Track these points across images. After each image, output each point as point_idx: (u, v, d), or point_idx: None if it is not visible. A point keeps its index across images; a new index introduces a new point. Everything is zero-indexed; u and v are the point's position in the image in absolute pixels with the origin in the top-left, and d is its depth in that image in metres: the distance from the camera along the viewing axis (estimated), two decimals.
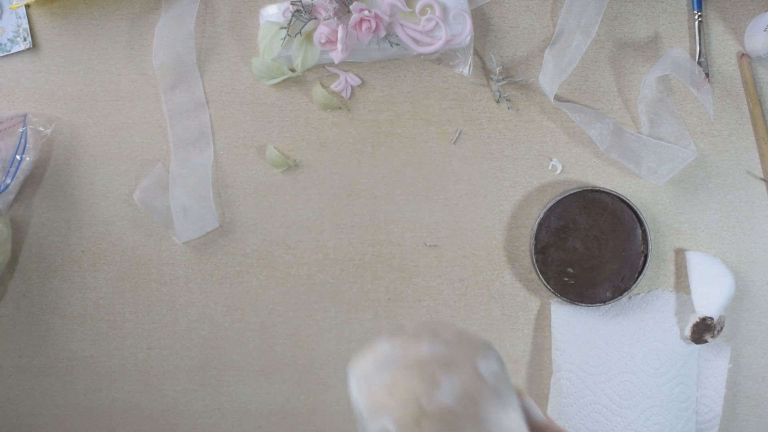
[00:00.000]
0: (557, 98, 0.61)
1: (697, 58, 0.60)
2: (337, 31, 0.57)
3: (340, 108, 0.62)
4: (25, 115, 0.61)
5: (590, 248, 0.59)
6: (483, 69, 0.62)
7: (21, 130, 0.60)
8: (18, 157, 0.60)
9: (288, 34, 0.58)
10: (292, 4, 0.58)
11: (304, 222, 0.62)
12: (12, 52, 0.63)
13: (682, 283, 0.61)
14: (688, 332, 0.58)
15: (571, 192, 0.59)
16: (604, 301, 0.59)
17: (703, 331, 0.57)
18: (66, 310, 0.63)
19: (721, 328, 0.58)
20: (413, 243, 0.62)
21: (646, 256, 0.59)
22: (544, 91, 0.60)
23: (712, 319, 0.57)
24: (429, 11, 0.58)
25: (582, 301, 0.59)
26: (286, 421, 0.63)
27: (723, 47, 0.61)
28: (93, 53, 0.63)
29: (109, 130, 0.63)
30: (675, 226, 0.61)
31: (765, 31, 0.56)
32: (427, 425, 0.30)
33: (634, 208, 0.59)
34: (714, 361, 0.60)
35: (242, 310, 0.62)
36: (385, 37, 0.59)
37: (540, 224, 0.59)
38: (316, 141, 0.62)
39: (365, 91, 0.62)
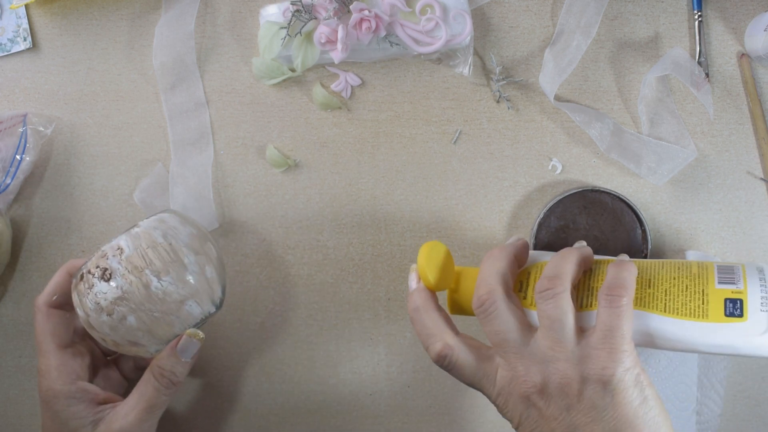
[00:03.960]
0: (557, 98, 0.61)
1: (697, 58, 0.60)
2: (337, 31, 0.57)
3: (340, 108, 0.62)
4: (25, 115, 0.61)
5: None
6: (483, 69, 0.62)
7: (21, 130, 0.60)
8: (18, 157, 0.60)
9: (288, 34, 0.58)
10: (292, 3, 0.58)
11: (304, 222, 0.62)
12: (12, 52, 0.63)
13: None
14: None
15: (571, 192, 0.59)
16: None
17: None
18: None
19: None
20: (413, 243, 0.62)
21: (646, 256, 0.59)
22: (544, 91, 0.60)
23: None
24: (429, 11, 0.58)
25: None
26: (286, 421, 0.63)
27: (723, 47, 0.61)
28: (93, 53, 0.63)
29: (109, 130, 0.63)
30: (675, 226, 0.61)
31: (765, 31, 0.56)
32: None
33: (634, 208, 0.59)
34: (714, 361, 0.60)
35: (242, 310, 0.62)
36: (385, 37, 0.59)
37: (540, 224, 0.59)
38: (316, 141, 0.62)
39: (365, 91, 0.62)
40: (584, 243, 0.51)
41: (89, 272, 0.48)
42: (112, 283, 0.46)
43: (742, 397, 0.61)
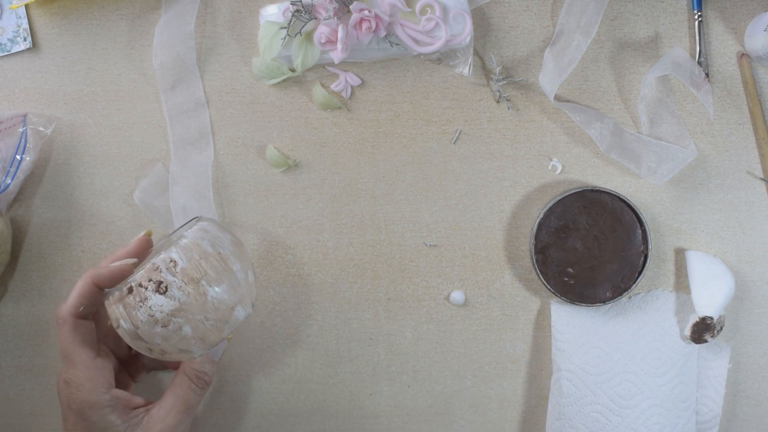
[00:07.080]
0: (557, 98, 0.61)
1: (697, 58, 0.60)
2: (337, 31, 0.57)
3: (340, 108, 0.62)
4: (25, 115, 0.61)
5: (590, 248, 0.59)
6: (483, 69, 0.62)
7: (21, 130, 0.60)
8: (18, 157, 0.60)
9: (288, 34, 0.58)
10: (292, 4, 0.58)
11: (304, 222, 0.62)
12: (12, 52, 0.63)
13: (682, 283, 0.61)
14: (688, 332, 0.58)
15: (571, 192, 0.59)
16: (604, 301, 0.59)
17: (703, 330, 0.58)
18: None
19: (721, 328, 0.58)
20: (413, 243, 0.62)
21: (646, 256, 0.59)
22: (544, 91, 0.60)
23: (712, 318, 0.57)
24: (429, 11, 0.58)
25: (582, 301, 0.59)
26: (286, 421, 0.63)
27: (723, 47, 0.61)
28: (93, 53, 0.63)
29: (109, 130, 0.63)
30: (675, 226, 0.61)
31: (765, 31, 0.56)
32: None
33: (634, 208, 0.59)
34: (714, 361, 0.60)
35: None
36: (385, 37, 0.59)
37: (540, 224, 0.59)
38: (316, 141, 0.62)
39: (365, 91, 0.62)
40: None
41: (140, 285, 0.48)
42: (169, 296, 0.47)
43: (742, 397, 0.61)
